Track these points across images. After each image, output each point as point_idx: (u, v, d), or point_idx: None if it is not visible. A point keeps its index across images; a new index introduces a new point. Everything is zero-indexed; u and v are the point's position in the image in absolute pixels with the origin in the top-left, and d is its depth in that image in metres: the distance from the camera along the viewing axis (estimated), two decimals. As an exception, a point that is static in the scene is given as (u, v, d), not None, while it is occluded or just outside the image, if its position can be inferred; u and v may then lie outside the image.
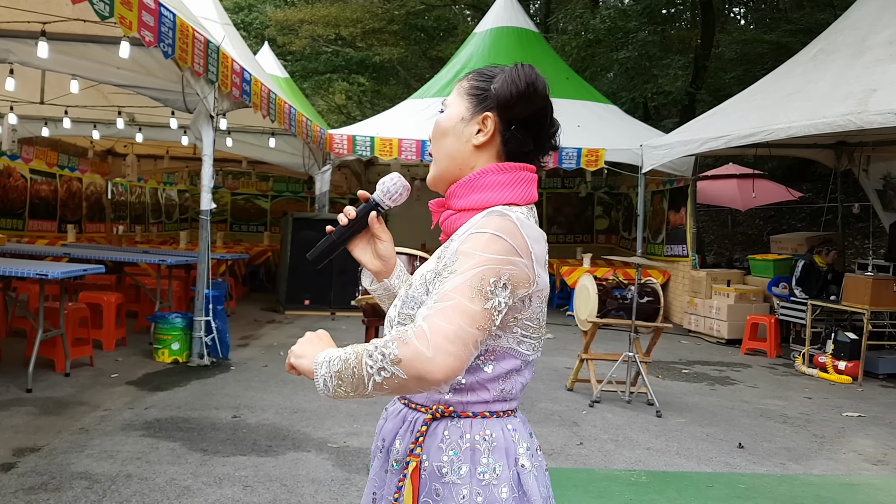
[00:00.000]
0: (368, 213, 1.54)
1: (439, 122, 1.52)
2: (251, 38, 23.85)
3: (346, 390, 1.30)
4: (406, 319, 1.43)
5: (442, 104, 1.55)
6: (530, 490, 1.42)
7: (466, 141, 1.47)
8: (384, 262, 1.59)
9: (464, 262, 1.31)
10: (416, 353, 1.23)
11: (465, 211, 1.45)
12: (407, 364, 1.23)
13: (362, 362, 1.27)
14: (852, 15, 9.00)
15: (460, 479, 1.37)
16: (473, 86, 1.51)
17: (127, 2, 4.99)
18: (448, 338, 1.24)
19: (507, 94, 1.44)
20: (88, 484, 3.82)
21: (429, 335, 1.24)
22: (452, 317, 1.26)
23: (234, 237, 16.73)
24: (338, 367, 1.31)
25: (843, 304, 8.04)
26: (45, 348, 6.07)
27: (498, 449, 1.40)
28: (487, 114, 1.47)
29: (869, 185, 10.95)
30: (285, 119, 9.02)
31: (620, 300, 6.34)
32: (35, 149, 11.66)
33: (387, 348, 1.25)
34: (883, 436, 5.71)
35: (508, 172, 1.46)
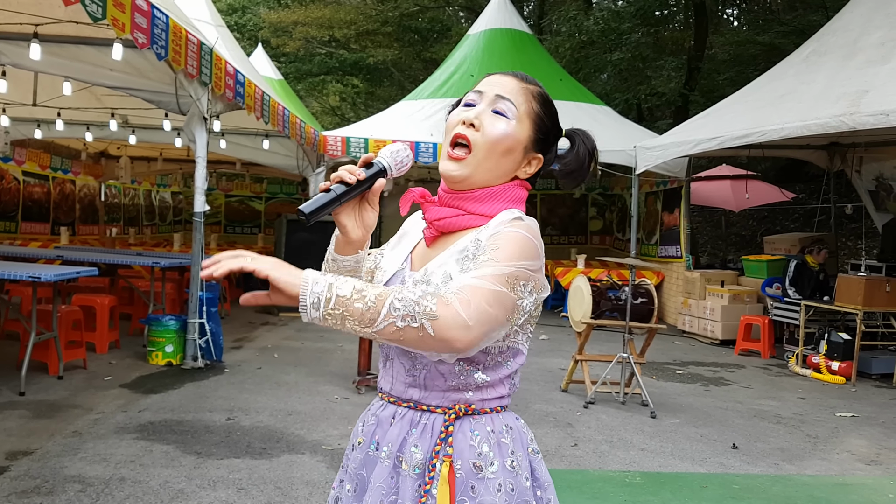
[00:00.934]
0: (376, 178, 1.45)
1: (509, 135, 1.47)
2: (245, 40, 23.83)
3: (347, 320, 1.24)
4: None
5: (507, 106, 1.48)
6: (542, 475, 1.51)
7: (516, 168, 1.51)
8: (365, 232, 1.50)
9: (503, 253, 1.34)
10: (454, 316, 1.24)
11: (477, 215, 1.48)
12: (441, 323, 1.23)
13: (386, 301, 1.23)
14: (844, 16, 9.04)
15: (494, 473, 1.41)
16: (542, 118, 1.52)
17: (119, 3, 4.98)
18: (487, 316, 1.27)
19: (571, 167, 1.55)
20: (82, 487, 3.81)
21: (472, 306, 1.25)
22: (491, 299, 1.29)
23: (228, 239, 16.71)
24: (346, 293, 1.23)
25: (837, 304, 8.07)
26: (38, 351, 6.04)
27: (517, 440, 1.47)
28: (540, 156, 1.53)
29: (861, 185, 11.00)
30: (279, 121, 9.01)
31: (614, 301, 6.35)
32: (28, 151, 11.63)
33: (424, 300, 1.23)
34: (876, 436, 5.72)
35: (524, 190, 1.55)
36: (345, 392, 6.24)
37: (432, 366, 1.43)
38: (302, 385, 6.43)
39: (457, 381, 1.43)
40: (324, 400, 5.94)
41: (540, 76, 8.32)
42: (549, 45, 18.09)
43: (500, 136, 1.46)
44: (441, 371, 1.43)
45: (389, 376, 1.52)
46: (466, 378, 1.43)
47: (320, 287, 1.24)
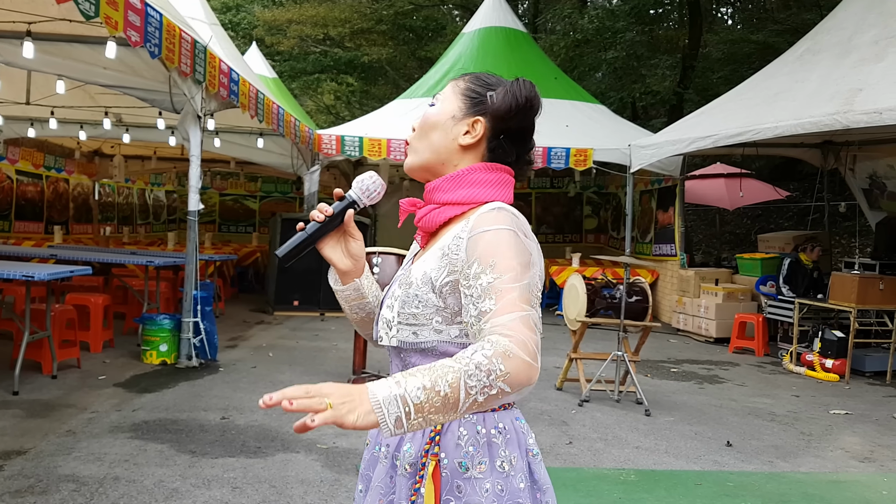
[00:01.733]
0: (345, 211, 1.51)
1: (429, 115, 1.54)
2: (239, 39, 23.77)
3: (433, 420, 1.20)
4: (410, 319, 1.43)
5: (434, 98, 1.57)
6: (541, 478, 1.48)
7: (453, 139, 1.51)
8: (354, 262, 1.56)
9: (503, 266, 1.32)
10: (524, 365, 1.22)
11: (450, 205, 1.48)
12: (514, 377, 1.21)
13: (461, 385, 1.18)
14: (838, 15, 9.06)
15: (481, 473, 1.39)
16: (470, 88, 1.53)
17: (113, 1, 4.97)
18: (536, 339, 1.27)
19: (507, 106, 1.48)
20: (76, 486, 3.80)
21: (529, 345, 1.24)
22: (535, 326, 1.29)
23: (222, 238, 16.68)
24: (421, 399, 1.17)
25: (830, 302, 8.09)
26: (32, 350, 6.02)
27: (511, 441, 1.44)
28: (479, 118, 1.50)
29: (855, 183, 11.03)
30: (273, 119, 9.00)
31: (609, 299, 6.36)
32: (21, 150, 11.59)
33: (492, 366, 1.19)
34: (869, 433, 5.74)
35: (495, 172, 1.51)
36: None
37: (417, 362, 1.45)
38: (297, 383, 6.39)
39: None
40: (319, 399, 5.92)
41: (535, 75, 8.46)
42: (544, 44, 18.10)
43: (423, 119, 1.55)
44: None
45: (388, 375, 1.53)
46: None
47: (395, 407, 1.16)
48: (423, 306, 1.42)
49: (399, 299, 1.45)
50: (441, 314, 1.42)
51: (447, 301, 1.41)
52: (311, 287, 10.63)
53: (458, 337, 1.42)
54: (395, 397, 1.16)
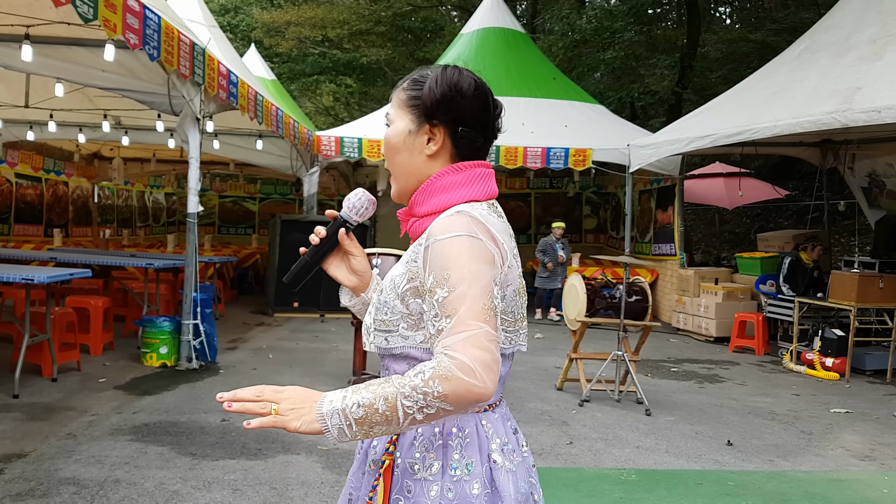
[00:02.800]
0: (338, 231, 1.56)
1: (388, 139, 1.52)
2: (238, 41, 23.78)
3: (375, 432, 1.27)
4: (382, 325, 1.43)
5: (386, 118, 1.54)
6: (503, 487, 1.40)
7: (419, 153, 1.49)
8: (360, 277, 1.59)
9: (455, 276, 1.30)
10: (465, 387, 1.23)
11: (428, 216, 1.46)
12: (455, 397, 1.23)
13: (397, 405, 1.24)
14: (836, 14, 9.06)
15: (431, 475, 1.38)
16: (410, 96, 1.50)
17: (111, 4, 4.97)
18: (489, 364, 1.26)
19: (433, 99, 1.46)
20: (76, 489, 3.80)
21: (474, 367, 1.24)
22: (484, 343, 1.27)
23: (222, 240, 16.68)
24: (360, 415, 1.25)
25: (830, 301, 8.09)
26: (32, 353, 6.02)
27: (471, 445, 1.40)
28: (433, 124, 1.47)
29: (854, 182, 11.03)
30: (272, 121, 9.00)
31: (609, 299, 6.36)
32: (20, 153, 11.59)
33: (428, 387, 1.23)
34: (870, 431, 5.74)
35: (463, 171, 1.47)
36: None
37: (392, 367, 1.46)
38: (297, 385, 6.40)
39: None
40: (319, 400, 5.92)
41: (533, 75, 8.45)
42: (543, 45, 18.11)
43: (385, 144, 1.54)
44: (398, 371, 1.42)
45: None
46: None
47: (337, 420, 1.27)
48: (390, 313, 1.43)
49: (374, 306, 1.47)
50: (406, 320, 1.41)
51: (410, 307, 1.40)
52: (311, 289, 10.63)
53: (423, 342, 1.40)
54: (337, 411, 1.27)
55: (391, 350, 1.44)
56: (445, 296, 1.30)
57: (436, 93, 1.45)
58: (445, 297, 1.30)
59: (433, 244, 1.35)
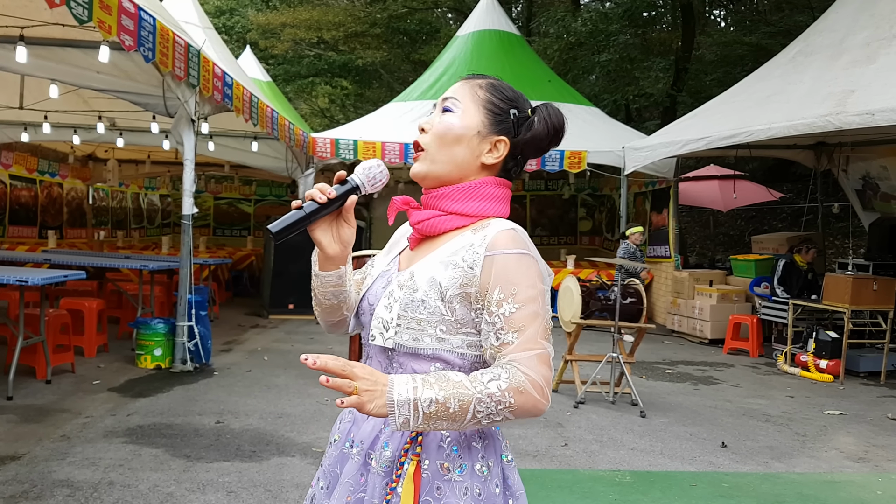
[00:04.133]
0: (348, 196, 1.46)
1: (454, 126, 1.50)
2: (233, 42, 23.77)
3: (435, 426, 1.33)
4: (412, 323, 1.42)
5: (451, 102, 1.52)
6: (514, 483, 1.49)
7: (476, 156, 1.50)
8: (343, 248, 1.51)
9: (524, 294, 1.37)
10: (533, 402, 1.33)
11: (458, 215, 1.49)
12: (521, 410, 1.33)
13: (470, 408, 1.31)
14: (830, 17, 9.09)
15: (461, 476, 1.41)
16: (493, 102, 1.51)
17: (106, 6, 4.96)
18: (548, 383, 1.37)
19: (541, 135, 1.50)
20: (70, 492, 3.79)
21: (543, 385, 1.34)
22: (549, 362, 1.38)
23: (217, 242, 16.65)
24: (431, 410, 1.30)
25: (824, 303, 8.11)
26: (26, 355, 6.01)
27: (489, 446, 1.46)
28: (504, 139, 1.51)
29: (848, 184, 11.07)
30: (268, 123, 8.99)
31: (604, 301, 6.37)
32: (15, 154, 11.56)
33: (503, 398, 1.31)
34: (864, 433, 5.76)
35: (503, 188, 1.53)
36: (335, 394, 6.23)
37: (409, 365, 1.44)
38: (292, 387, 6.42)
39: None
40: (314, 402, 5.93)
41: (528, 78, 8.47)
42: (538, 47, 18.13)
43: (445, 127, 1.50)
44: (417, 370, 1.42)
45: None
46: None
47: (406, 410, 1.30)
48: (428, 312, 1.41)
49: (400, 302, 1.43)
50: (446, 323, 1.41)
51: (455, 311, 1.41)
52: (307, 290, 10.31)
53: (459, 347, 1.42)
54: (408, 402, 1.29)
55: (419, 350, 1.42)
56: (513, 311, 1.36)
57: (541, 129, 1.50)
58: (513, 312, 1.36)
59: (499, 256, 1.39)
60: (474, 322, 1.42)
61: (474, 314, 1.41)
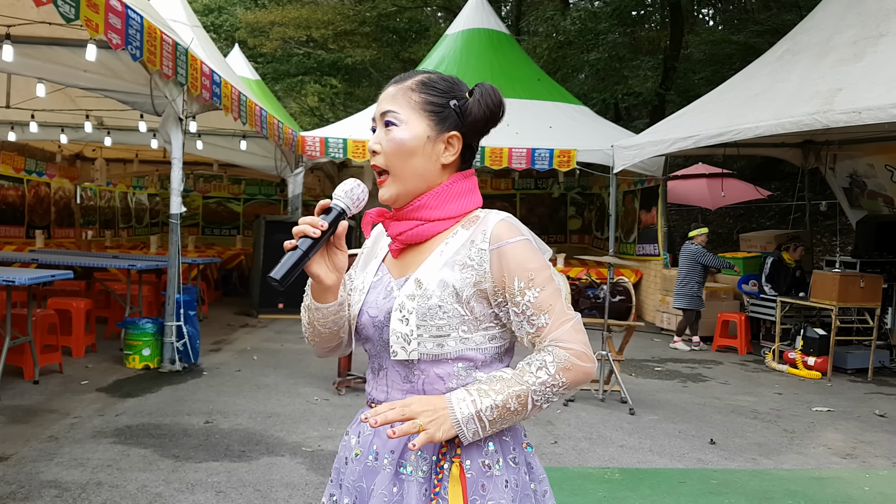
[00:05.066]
0: (338, 222, 1.43)
1: (404, 141, 1.47)
2: (221, 41, 23.69)
3: (503, 426, 1.41)
4: (435, 331, 1.42)
5: (392, 116, 1.49)
6: (537, 468, 1.56)
7: (436, 160, 1.50)
8: (340, 276, 1.48)
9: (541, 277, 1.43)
10: (583, 371, 1.43)
11: (441, 220, 1.50)
12: (575, 382, 1.43)
13: (528, 401, 1.39)
14: (817, 15, 9.14)
15: (500, 470, 1.45)
16: (430, 102, 1.50)
17: (93, 4, 4.94)
18: (588, 343, 1.46)
19: (483, 116, 1.50)
20: (58, 492, 3.77)
21: (584, 351, 1.42)
22: (581, 326, 1.46)
23: (206, 241, 16.60)
24: (495, 416, 1.38)
25: (812, 300, 8.16)
26: (13, 356, 5.97)
27: (516, 437, 1.52)
28: (455, 133, 1.50)
29: (836, 182, 11.13)
30: (256, 121, 8.97)
31: (593, 299, 6.38)
32: (2, 153, 11.48)
33: (555, 381, 1.40)
34: (852, 430, 5.80)
35: (469, 178, 1.55)
36: (325, 393, 6.23)
37: (430, 371, 1.45)
38: (282, 387, 6.40)
39: (457, 382, 1.45)
40: (304, 402, 5.92)
41: (518, 76, 8.48)
42: (527, 46, 18.15)
43: (396, 145, 1.48)
44: (440, 375, 1.45)
45: (384, 385, 1.52)
46: (466, 378, 1.45)
47: (473, 424, 1.37)
48: (448, 317, 1.42)
49: (416, 312, 1.42)
50: (467, 323, 1.44)
51: (474, 310, 1.44)
52: (296, 290, 10.37)
53: (481, 343, 1.46)
54: (472, 417, 1.37)
55: (445, 355, 1.44)
56: (538, 295, 1.42)
57: (478, 112, 1.49)
58: (538, 296, 1.42)
59: (505, 247, 1.43)
60: (494, 316, 1.46)
61: (496, 308, 1.45)
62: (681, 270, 9.58)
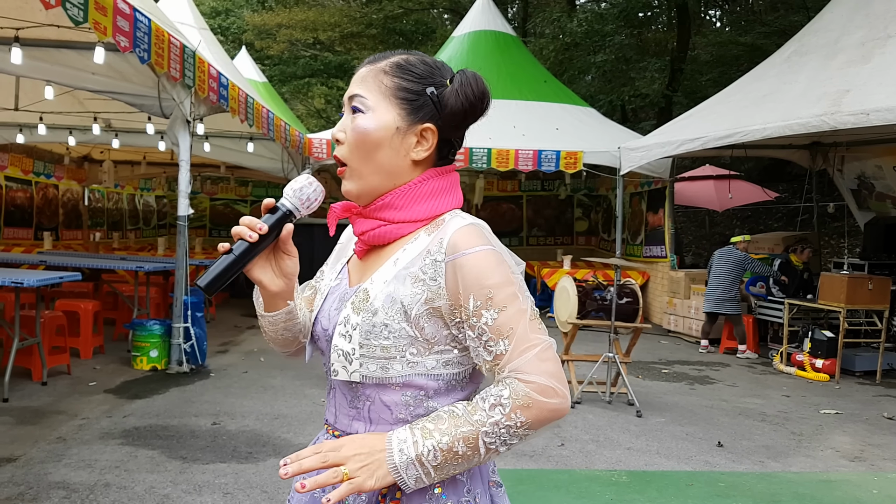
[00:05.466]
0: (282, 225, 1.26)
1: (368, 130, 1.28)
2: (229, 43, 23.76)
3: (453, 472, 1.21)
4: (378, 351, 1.23)
5: (359, 101, 1.31)
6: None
7: (405, 155, 1.30)
8: (287, 282, 1.30)
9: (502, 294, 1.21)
10: (547, 409, 1.19)
11: (407, 223, 1.30)
12: (538, 422, 1.19)
13: (479, 444, 1.17)
14: (825, 17, 9.12)
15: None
16: (404, 88, 1.30)
17: (101, 7, 4.96)
18: (559, 375, 1.21)
19: (460, 108, 1.29)
20: (66, 493, 3.78)
21: (551, 385, 1.19)
22: (551, 354, 1.22)
23: (213, 243, 16.61)
24: (439, 461, 1.17)
25: (820, 302, 8.13)
26: (22, 357, 5.99)
27: (474, 475, 1.31)
28: (429, 126, 1.30)
29: (843, 184, 11.09)
30: (263, 123, 8.99)
31: (600, 301, 6.37)
32: (10, 155, 11.53)
33: (510, 420, 1.17)
34: (859, 432, 5.77)
35: (446, 177, 1.34)
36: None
37: (376, 397, 1.27)
38: (288, 389, 6.41)
39: (406, 413, 1.26)
40: (310, 403, 5.93)
41: (524, 78, 8.48)
42: (534, 47, 18.15)
43: (358, 135, 1.29)
44: (387, 403, 1.26)
45: (333, 407, 1.37)
46: (416, 408, 1.26)
47: (413, 470, 1.17)
48: (394, 337, 1.23)
49: (359, 329, 1.24)
50: (416, 345, 1.24)
51: (424, 330, 1.24)
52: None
53: (433, 368, 1.25)
54: (412, 462, 1.17)
55: (389, 379, 1.25)
56: (496, 317, 1.20)
57: (455, 103, 1.29)
58: (496, 318, 1.20)
59: (461, 259, 1.21)
60: (451, 338, 1.25)
61: (454, 329, 1.24)
62: (721, 276, 9.16)
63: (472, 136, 1.47)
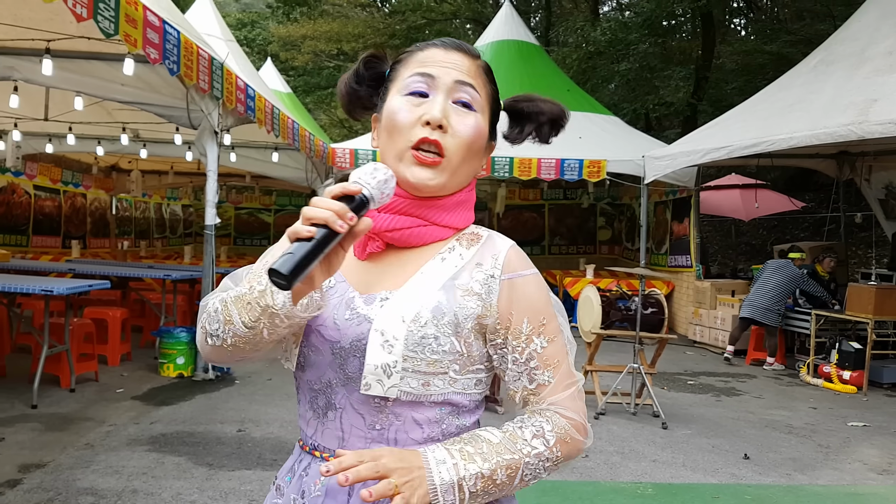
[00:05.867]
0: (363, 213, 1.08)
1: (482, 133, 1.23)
2: (254, 54, 24.00)
3: (484, 500, 1.14)
4: (425, 366, 1.13)
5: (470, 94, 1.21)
6: None
7: (478, 166, 1.28)
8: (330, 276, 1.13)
9: (554, 324, 1.22)
10: (578, 445, 1.21)
11: (442, 227, 1.23)
12: (566, 459, 1.19)
13: (518, 474, 1.14)
14: (852, 26, 9.04)
15: None
16: (495, 101, 1.28)
17: (132, 20, 5.04)
18: (584, 409, 1.25)
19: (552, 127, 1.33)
20: (94, 499, 3.83)
21: (584, 423, 1.22)
22: (583, 396, 1.26)
23: (237, 251, 16.77)
24: (477, 487, 1.10)
25: (847, 313, 8.03)
26: (50, 364, 6.08)
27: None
28: (493, 143, 1.29)
29: (871, 194, 10.97)
30: (288, 134, 9.07)
31: (624, 311, 6.35)
32: (39, 165, 11.73)
33: (551, 454, 1.16)
34: (888, 445, 5.69)
35: (474, 189, 1.31)
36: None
37: (408, 414, 1.16)
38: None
39: (437, 431, 1.18)
40: (334, 411, 5.94)
41: (548, 87, 8.52)
42: (557, 57, 18.16)
43: (473, 137, 1.21)
44: (419, 420, 1.17)
45: (337, 430, 1.22)
46: (448, 425, 1.19)
47: (450, 496, 1.09)
48: (443, 351, 1.14)
49: (404, 340, 1.13)
50: (459, 361, 1.17)
51: (471, 347, 1.18)
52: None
53: (467, 387, 1.19)
54: (452, 486, 1.09)
55: (429, 396, 1.16)
56: (545, 346, 1.19)
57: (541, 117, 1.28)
58: (545, 347, 1.19)
59: (518, 280, 1.19)
60: (486, 357, 1.21)
61: (492, 349, 1.20)
62: (771, 287, 8.88)
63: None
